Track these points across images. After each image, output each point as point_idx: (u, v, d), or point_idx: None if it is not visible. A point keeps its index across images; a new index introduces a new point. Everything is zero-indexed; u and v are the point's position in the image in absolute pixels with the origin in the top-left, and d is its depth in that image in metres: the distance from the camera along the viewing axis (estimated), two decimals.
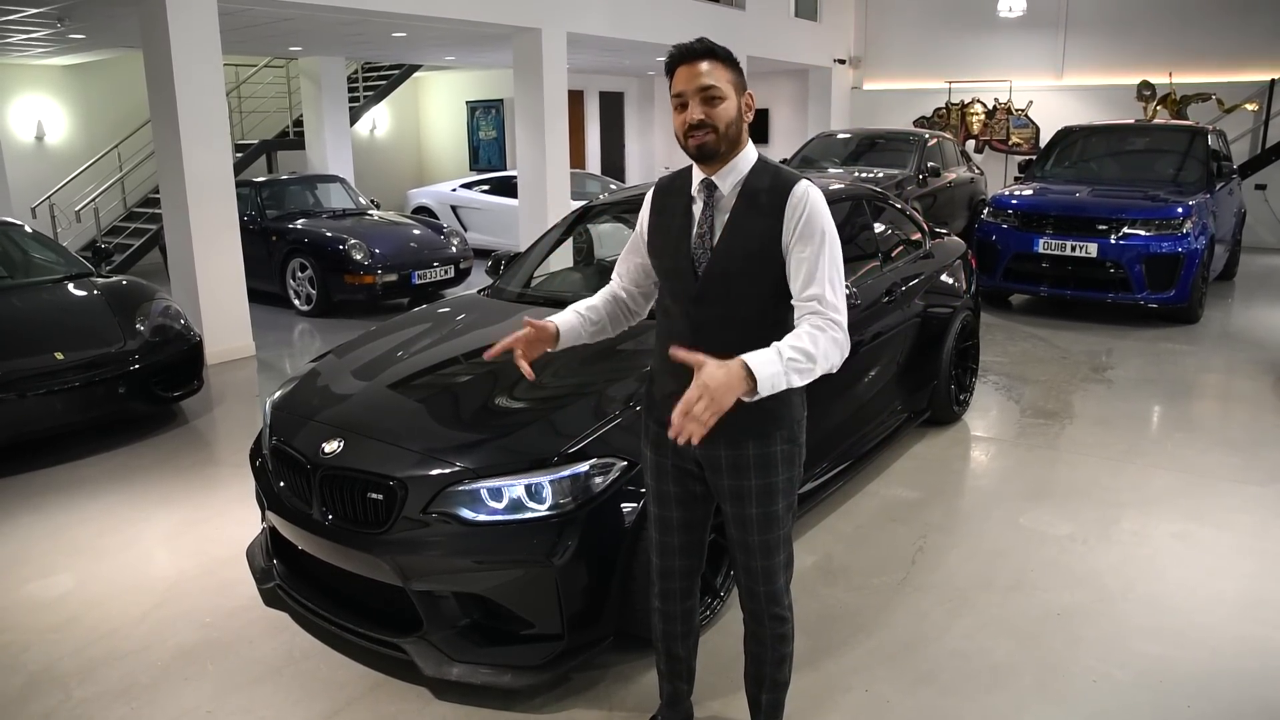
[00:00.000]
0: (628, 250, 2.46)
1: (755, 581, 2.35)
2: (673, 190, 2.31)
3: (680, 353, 1.92)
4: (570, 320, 2.39)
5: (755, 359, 1.91)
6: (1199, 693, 2.96)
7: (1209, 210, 8.20)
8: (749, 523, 2.28)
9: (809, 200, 2.14)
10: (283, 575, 3.35)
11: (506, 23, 9.16)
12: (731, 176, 2.19)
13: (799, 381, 1.99)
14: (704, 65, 2.10)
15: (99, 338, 5.29)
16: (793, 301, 2.14)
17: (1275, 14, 12.85)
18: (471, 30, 9.50)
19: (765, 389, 1.90)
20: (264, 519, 3.51)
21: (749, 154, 2.21)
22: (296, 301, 8.95)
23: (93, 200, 11.49)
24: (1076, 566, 3.81)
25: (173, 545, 4.07)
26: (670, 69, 2.15)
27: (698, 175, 2.23)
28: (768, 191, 2.17)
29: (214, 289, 6.99)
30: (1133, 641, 3.25)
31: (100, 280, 5.97)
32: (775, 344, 1.98)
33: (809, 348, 2.00)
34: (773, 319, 2.18)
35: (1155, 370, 6.76)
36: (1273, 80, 12.79)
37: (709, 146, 2.12)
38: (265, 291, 8.90)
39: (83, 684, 3.05)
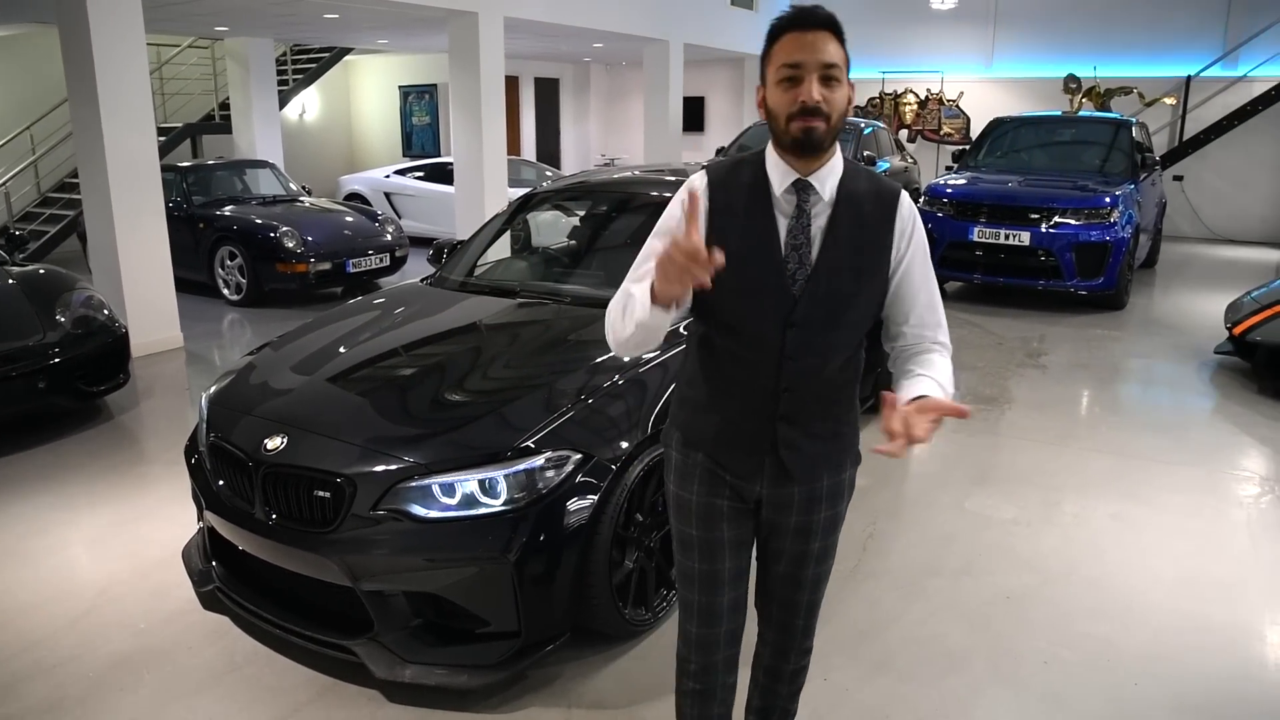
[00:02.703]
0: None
1: (795, 616, 2.12)
2: (740, 186, 1.86)
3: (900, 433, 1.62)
4: None
5: (931, 388, 1.80)
6: (1144, 670, 3.03)
7: (1134, 200, 8.45)
8: (808, 558, 2.04)
9: (916, 215, 1.90)
10: (222, 577, 3.22)
11: (442, 6, 8.96)
12: (830, 179, 1.83)
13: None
14: (826, 39, 1.74)
15: (15, 330, 5.02)
16: (904, 328, 1.94)
17: (1189, 14, 13.31)
18: (406, 13, 9.28)
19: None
20: (201, 519, 3.36)
21: (838, 152, 1.86)
22: (226, 291, 8.66)
23: (3, 185, 10.95)
24: (1021, 550, 3.88)
25: (102, 548, 3.88)
26: (780, 32, 1.76)
27: (783, 173, 1.82)
28: (872, 200, 1.86)
29: (139, 278, 6.71)
30: (1079, 622, 3.32)
31: (15, 269, 5.67)
32: (935, 380, 1.83)
33: (945, 373, 1.88)
34: (861, 341, 1.96)
35: (1087, 355, 6.94)
36: (1188, 77, 13.23)
37: (817, 135, 1.74)
38: (193, 280, 8.59)
39: (6, 700, 2.88)
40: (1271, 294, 6.35)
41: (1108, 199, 8.08)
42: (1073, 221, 8.02)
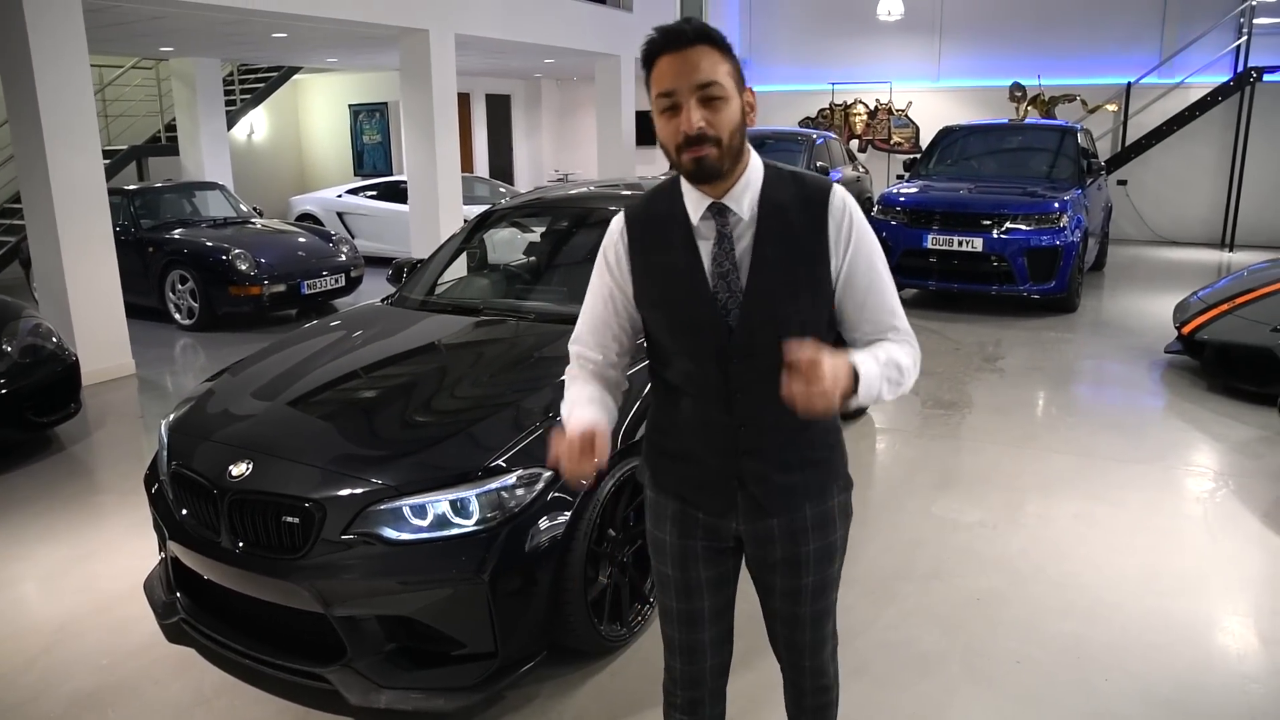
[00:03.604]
0: (597, 318, 1.89)
1: (800, 656, 2.01)
2: (657, 220, 1.79)
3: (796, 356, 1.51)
4: (601, 417, 1.82)
5: (858, 357, 1.63)
6: (1114, 666, 3.08)
7: (1082, 205, 8.64)
8: (802, 594, 1.91)
9: (850, 209, 1.74)
10: (187, 608, 3.13)
11: (393, 24, 8.91)
12: (747, 195, 1.72)
13: (889, 394, 1.71)
14: (700, 54, 1.61)
15: None
16: (858, 329, 1.80)
17: (1126, 24, 13.71)
18: (356, 31, 9.22)
19: (864, 393, 1.63)
20: (163, 549, 3.28)
21: (756, 161, 1.74)
22: (177, 315, 8.49)
23: None
24: (988, 552, 3.93)
25: (59, 583, 3.77)
26: (651, 59, 1.65)
27: (697, 199, 1.73)
28: (798, 205, 1.73)
29: (88, 305, 6.55)
30: (1048, 621, 3.36)
31: None
32: (868, 348, 1.72)
33: (900, 360, 1.73)
34: None
35: (1042, 358, 7.07)
36: (1128, 84, 13.60)
37: (710, 163, 1.64)
38: (142, 306, 8.41)
39: None
40: (1217, 294, 6.53)
41: (1057, 204, 8.26)
42: (1024, 227, 8.18)
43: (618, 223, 1.84)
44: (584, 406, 1.83)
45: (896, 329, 1.80)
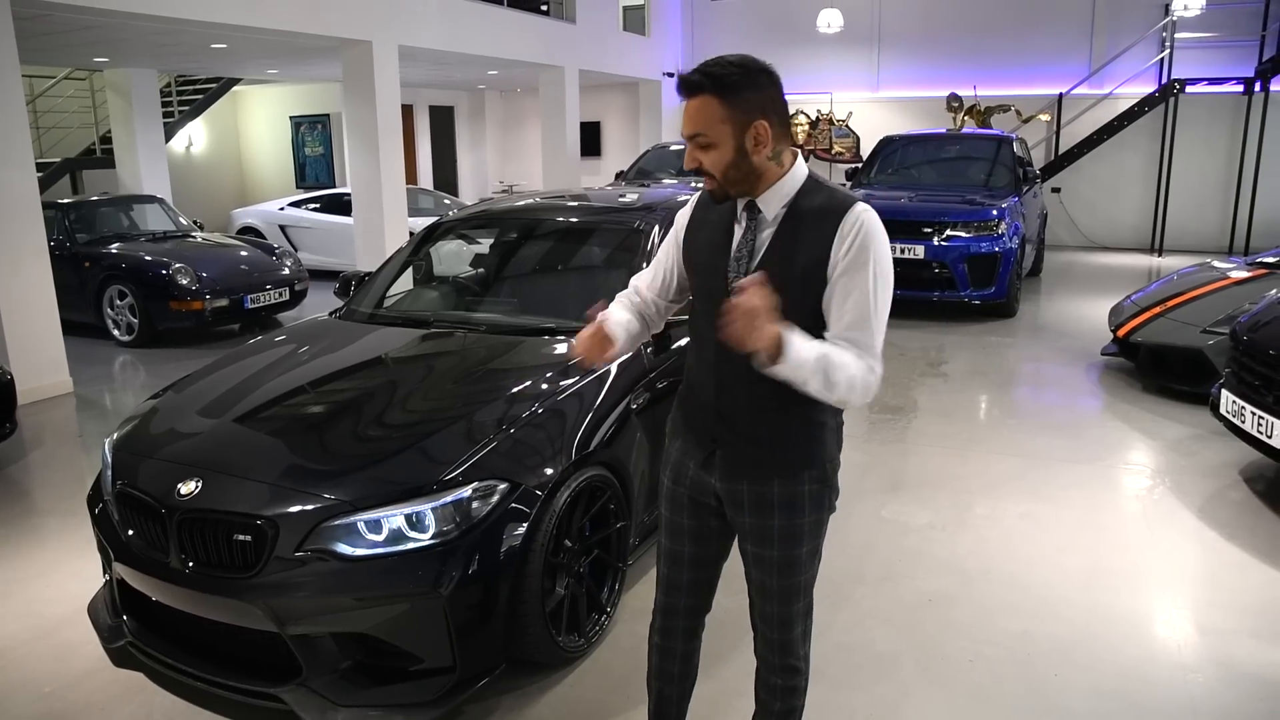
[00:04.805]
0: (659, 262, 2.28)
1: (770, 628, 2.22)
2: (716, 206, 2.08)
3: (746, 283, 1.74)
4: (621, 334, 2.16)
5: (800, 340, 1.79)
6: (1062, 661, 3.17)
7: (1019, 212, 8.87)
8: (769, 565, 2.13)
9: (864, 225, 1.89)
10: (134, 631, 3.06)
11: (335, 35, 8.83)
12: (775, 201, 1.97)
13: (814, 386, 1.82)
14: (695, 106, 1.89)
15: None
16: (827, 332, 1.91)
17: (1057, 37, 14.12)
18: (298, 43, 9.11)
19: (788, 363, 1.77)
20: (108, 571, 3.20)
21: (796, 173, 1.97)
22: (116, 332, 8.29)
23: None
24: (938, 553, 4.00)
25: None
26: None
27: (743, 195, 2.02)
28: (818, 214, 1.94)
29: (22, 321, 6.37)
30: (998, 620, 3.44)
31: None
32: (825, 343, 1.86)
33: (845, 363, 1.84)
34: None
35: (984, 362, 7.23)
36: (1060, 94, 14.01)
37: (715, 191, 1.99)
38: (79, 322, 8.18)
39: None
40: (1150, 297, 6.74)
41: (995, 211, 8.47)
42: (963, 234, 8.37)
43: (693, 199, 2.21)
44: (614, 321, 2.17)
45: (859, 343, 1.89)
